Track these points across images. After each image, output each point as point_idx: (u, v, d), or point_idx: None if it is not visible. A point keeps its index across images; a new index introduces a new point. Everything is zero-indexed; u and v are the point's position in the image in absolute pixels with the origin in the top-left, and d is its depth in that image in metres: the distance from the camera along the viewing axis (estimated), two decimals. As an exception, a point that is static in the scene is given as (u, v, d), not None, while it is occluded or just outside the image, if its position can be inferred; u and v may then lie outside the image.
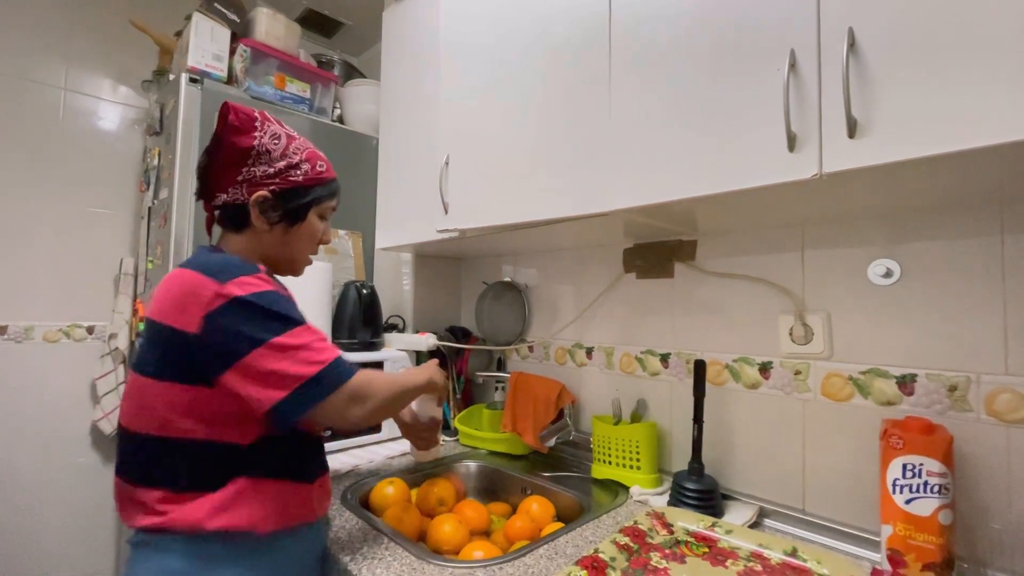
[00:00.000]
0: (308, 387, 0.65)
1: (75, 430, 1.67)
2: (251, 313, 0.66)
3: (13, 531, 1.54)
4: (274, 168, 0.76)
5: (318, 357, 0.67)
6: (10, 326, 1.56)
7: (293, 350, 0.66)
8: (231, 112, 0.75)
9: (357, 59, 2.31)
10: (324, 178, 0.82)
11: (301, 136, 0.83)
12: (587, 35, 0.92)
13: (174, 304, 0.66)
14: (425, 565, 0.76)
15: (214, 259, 0.70)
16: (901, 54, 0.58)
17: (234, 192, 0.75)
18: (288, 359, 0.65)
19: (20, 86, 1.59)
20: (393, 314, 1.68)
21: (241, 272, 0.68)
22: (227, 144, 0.75)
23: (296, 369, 0.65)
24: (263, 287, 0.68)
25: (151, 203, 1.52)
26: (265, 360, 0.64)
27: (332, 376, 0.67)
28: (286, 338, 0.66)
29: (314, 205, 0.81)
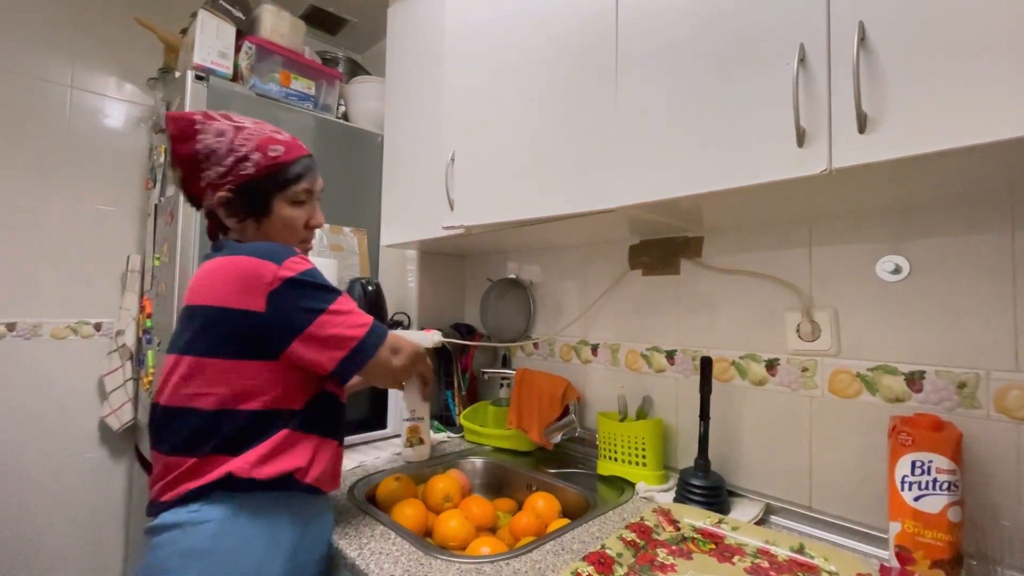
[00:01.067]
0: (362, 345, 0.74)
1: (83, 426, 1.68)
2: (306, 289, 0.72)
3: (22, 526, 1.56)
4: (224, 166, 0.76)
5: (362, 320, 0.75)
6: (18, 323, 1.57)
7: (344, 315, 0.73)
8: (169, 122, 0.76)
9: (362, 56, 2.31)
10: (280, 162, 0.78)
11: (258, 123, 0.80)
12: (594, 29, 0.92)
13: (235, 288, 0.69)
14: (432, 560, 0.76)
15: (260, 246, 0.74)
16: (912, 48, 0.57)
17: (208, 199, 0.78)
18: (341, 324, 0.73)
19: (27, 84, 1.60)
20: (398, 311, 1.69)
21: (288, 254, 0.73)
22: (176, 155, 0.77)
23: (350, 332, 0.73)
24: (307, 265, 0.74)
25: (158, 200, 1.53)
26: (324, 327, 0.71)
27: (377, 334, 0.76)
28: (337, 306, 0.73)
29: (276, 193, 0.79)
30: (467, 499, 1.05)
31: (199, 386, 0.70)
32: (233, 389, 0.70)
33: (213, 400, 0.70)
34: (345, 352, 0.73)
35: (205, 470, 0.69)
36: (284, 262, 0.71)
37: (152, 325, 1.52)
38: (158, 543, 0.68)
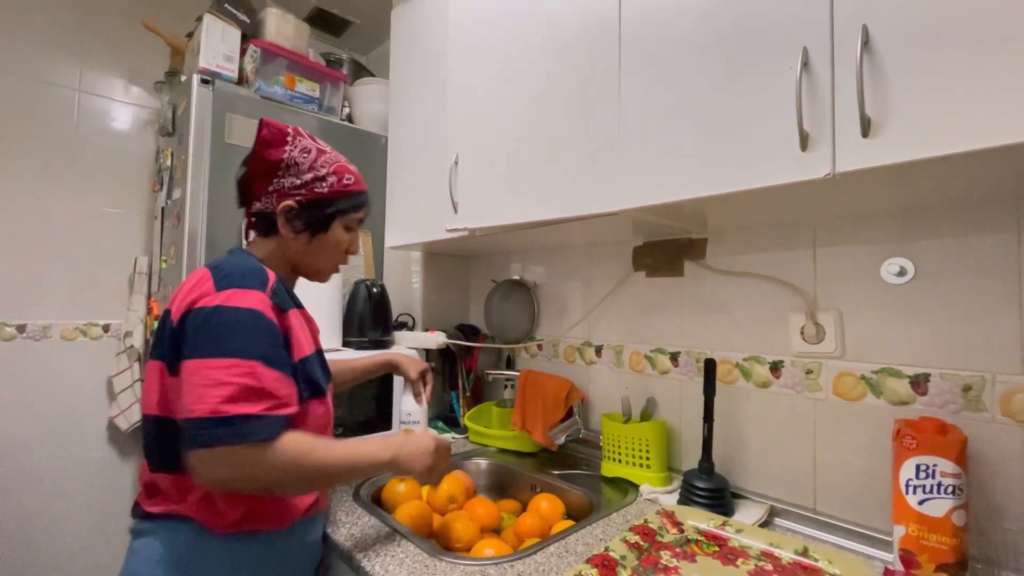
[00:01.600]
0: (198, 425, 0.62)
1: (92, 426, 1.70)
2: (216, 325, 0.66)
3: (32, 523, 1.57)
4: (301, 180, 0.79)
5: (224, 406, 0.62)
6: (28, 324, 1.59)
7: (211, 383, 0.63)
8: (264, 127, 0.79)
9: (366, 57, 2.31)
10: (350, 191, 0.84)
11: (335, 152, 0.86)
12: (597, 34, 0.92)
13: (181, 296, 0.71)
14: (437, 562, 0.77)
15: (231, 264, 0.73)
16: (916, 51, 0.57)
17: (266, 201, 0.80)
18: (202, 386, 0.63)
19: (36, 87, 1.61)
20: (403, 312, 1.69)
21: (241, 284, 0.69)
22: (259, 156, 0.79)
23: (194, 401, 0.62)
24: (253, 306, 0.68)
25: (164, 203, 1.54)
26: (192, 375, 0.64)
27: (221, 430, 0.62)
28: (221, 365, 0.63)
29: (338, 216, 0.83)
30: (471, 500, 1.05)
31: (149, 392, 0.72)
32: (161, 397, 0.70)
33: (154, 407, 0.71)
34: (188, 416, 0.63)
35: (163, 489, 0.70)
36: (227, 288, 0.68)
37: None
38: (136, 548, 0.70)
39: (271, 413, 0.65)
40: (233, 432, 0.62)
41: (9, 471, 1.54)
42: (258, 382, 0.65)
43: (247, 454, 0.63)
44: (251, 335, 0.67)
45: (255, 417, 0.63)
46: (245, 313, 0.67)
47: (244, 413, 0.62)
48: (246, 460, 0.63)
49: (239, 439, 0.62)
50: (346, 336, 1.45)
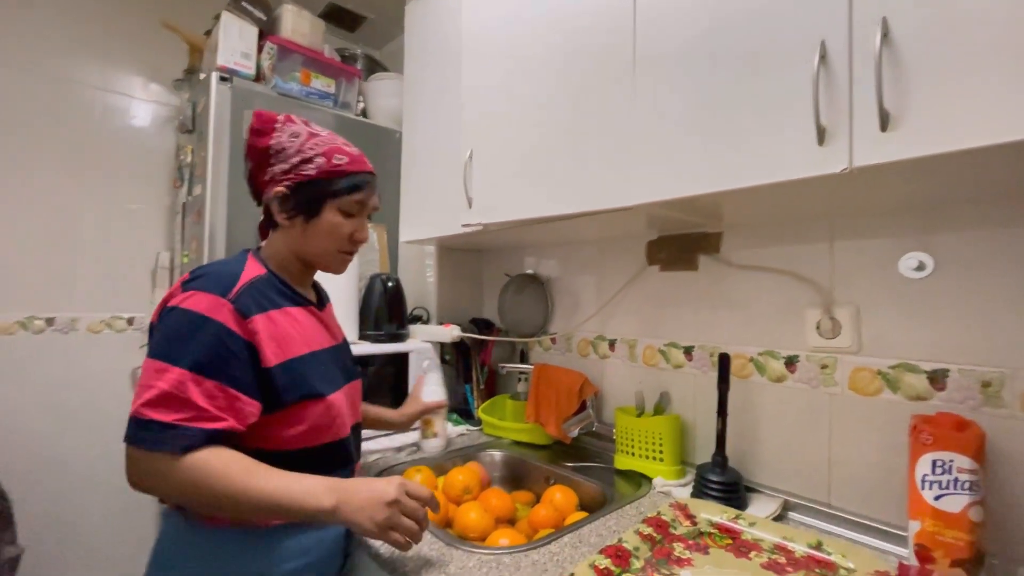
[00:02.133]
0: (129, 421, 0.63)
1: (117, 417, 1.72)
2: (166, 327, 0.68)
3: (60, 510, 1.63)
4: (288, 164, 0.78)
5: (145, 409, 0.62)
6: (57, 317, 1.64)
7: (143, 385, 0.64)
8: (253, 117, 0.79)
9: (379, 52, 2.32)
10: (341, 170, 0.79)
11: (332, 135, 0.83)
12: (612, 27, 0.92)
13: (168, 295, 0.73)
14: (453, 551, 0.79)
15: (212, 267, 0.75)
16: (937, 44, 0.57)
17: (267, 192, 0.79)
18: (139, 385, 0.64)
19: (60, 87, 1.65)
20: (417, 306, 1.71)
21: (203, 287, 0.69)
22: (249, 146, 0.80)
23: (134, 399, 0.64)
24: (196, 308, 0.67)
25: (185, 199, 1.58)
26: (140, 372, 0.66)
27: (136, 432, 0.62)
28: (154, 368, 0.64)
29: (329, 199, 0.79)
30: (486, 491, 1.07)
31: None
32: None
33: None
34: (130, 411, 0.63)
35: None
36: (190, 291, 0.68)
37: (182, 320, 1.57)
38: (161, 530, 0.74)
39: (188, 424, 0.63)
40: (145, 437, 0.62)
41: (39, 459, 1.60)
42: (180, 391, 0.63)
43: (151, 462, 0.62)
44: (190, 341, 0.65)
45: (168, 426, 0.62)
46: (192, 316, 0.66)
47: (158, 420, 0.62)
48: (150, 468, 0.63)
49: (147, 445, 0.62)
50: (362, 330, 1.48)
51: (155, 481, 0.64)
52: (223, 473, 0.64)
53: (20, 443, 1.57)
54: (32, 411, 1.59)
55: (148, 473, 0.63)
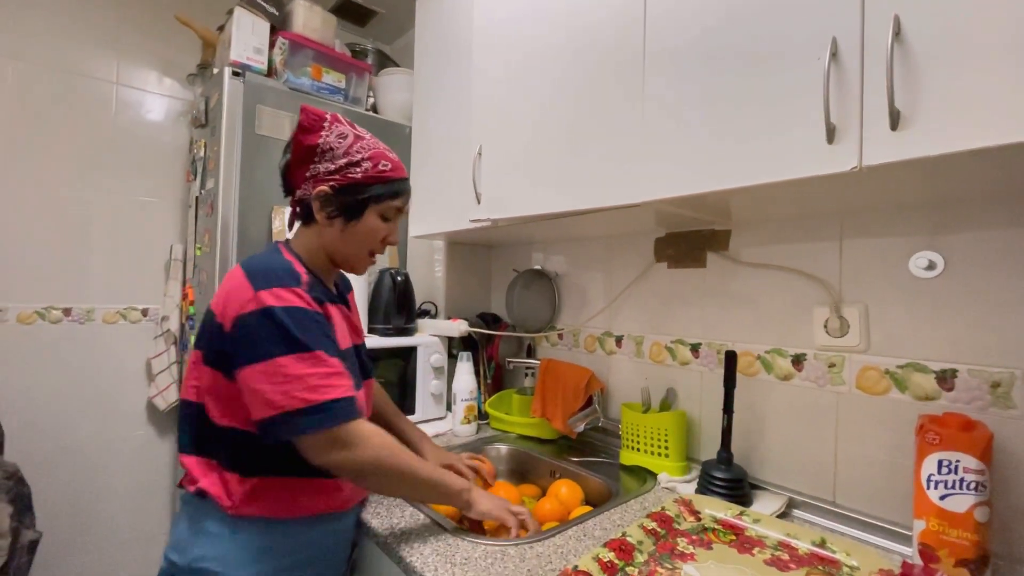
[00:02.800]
0: (290, 418, 0.66)
1: (132, 406, 1.79)
2: (270, 327, 0.68)
3: (78, 496, 1.68)
4: (335, 165, 0.79)
5: (308, 395, 0.67)
6: (74, 308, 1.67)
7: (290, 379, 0.67)
8: (302, 113, 0.80)
9: (390, 47, 2.33)
10: (386, 176, 0.82)
11: (375, 139, 0.84)
12: (622, 22, 0.92)
13: (222, 299, 0.73)
14: (460, 541, 0.80)
15: (263, 263, 0.75)
16: (949, 43, 0.56)
17: (304, 188, 0.81)
18: (279, 384, 0.67)
19: (76, 81, 1.68)
20: (426, 300, 1.73)
21: (279, 283, 0.71)
22: (296, 143, 0.80)
23: (279, 398, 0.66)
24: (295, 303, 0.70)
25: (198, 192, 1.60)
26: (262, 377, 0.67)
27: (315, 416, 0.67)
28: (290, 362, 0.67)
29: (372, 203, 0.82)
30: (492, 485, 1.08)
31: (191, 381, 0.77)
32: (206, 393, 0.74)
33: (195, 396, 0.76)
34: (268, 414, 0.67)
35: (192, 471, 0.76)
36: (268, 289, 0.70)
37: (195, 312, 1.60)
38: (180, 515, 0.77)
39: (349, 394, 0.71)
40: (328, 416, 0.68)
41: (56, 446, 1.64)
42: (330, 367, 0.70)
43: (346, 431, 0.69)
44: (306, 329, 0.70)
45: (341, 399, 0.69)
46: (295, 311, 0.70)
47: (330, 398, 0.68)
48: (347, 436, 0.69)
49: (337, 419, 0.68)
50: (371, 323, 1.49)
51: (350, 451, 0.70)
52: (395, 444, 0.75)
53: (39, 430, 1.61)
54: (50, 399, 1.63)
55: (343, 445, 0.69)
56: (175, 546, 0.75)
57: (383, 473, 0.73)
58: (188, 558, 0.72)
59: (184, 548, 0.73)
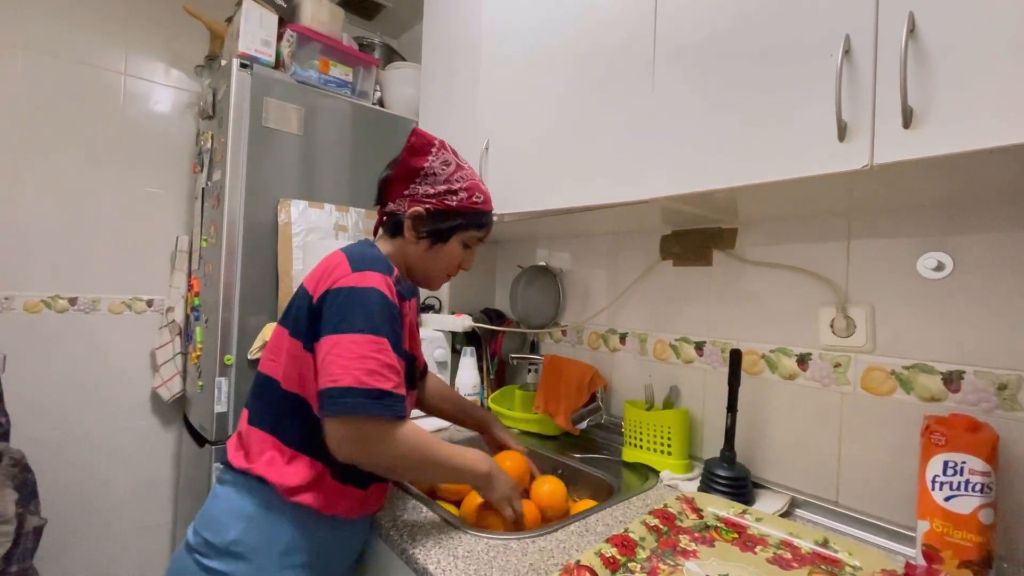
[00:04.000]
0: (341, 393, 0.67)
1: (136, 396, 1.80)
2: (354, 304, 0.71)
3: (83, 485, 1.69)
4: (435, 189, 0.84)
5: (366, 378, 0.68)
6: (79, 298, 1.68)
7: (353, 356, 0.68)
8: (414, 135, 0.85)
9: (397, 41, 2.32)
10: (477, 208, 0.87)
11: (472, 169, 0.90)
12: (631, 19, 0.91)
13: (318, 275, 0.77)
14: (462, 535, 0.80)
15: (364, 251, 0.80)
16: (964, 41, 0.56)
17: (399, 203, 0.85)
18: (344, 358, 0.68)
19: (85, 72, 1.68)
20: (430, 295, 1.73)
21: (373, 267, 0.75)
22: (404, 161, 0.85)
23: (339, 371, 0.68)
24: (382, 289, 0.73)
25: (205, 184, 1.60)
26: (333, 348, 0.69)
27: (362, 400, 0.67)
28: (360, 340, 0.69)
29: (459, 231, 0.86)
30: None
31: (274, 355, 0.79)
32: (288, 367, 0.77)
33: (276, 371, 0.78)
34: (328, 385, 0.68)
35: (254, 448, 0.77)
36: (361, 271, 0.74)
37: (200, 303, 1.60)
38: (218, 493, 0.78)
39: (398, 392, 0.71)
40: (372, 404, 0.68)
41: (62, 434, 1.66)
42: (390, 359, 0.71)
43: (378, 428, 0.69)
44: (383, 316, 0.72)
45: (388, 393, 0.69)
46: (378, 295, 0.73)
47: (380, 388, 0.68)
48: (376, 434, 0.69)
49: (376, 411, 0.68)
50: (375, 317, 1.49)
51: (376, 447, 0.70)
52: (427, 439, 0.76)
53: (44, 418, 1.62)
54: (55, 387, 1.64)
55: (369, 440, 0.69)
56: (209, 524, 0.75)
57: (415, 468, 0.76)
58: (224, 539, 0.72)
59: (220, 528, 0.73)
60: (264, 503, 0.74)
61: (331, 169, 1.63)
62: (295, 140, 1.54)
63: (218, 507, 0.76)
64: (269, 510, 0.73)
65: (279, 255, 1.47)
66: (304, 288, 0.78)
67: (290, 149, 1.53)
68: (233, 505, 0.74)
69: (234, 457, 0.78)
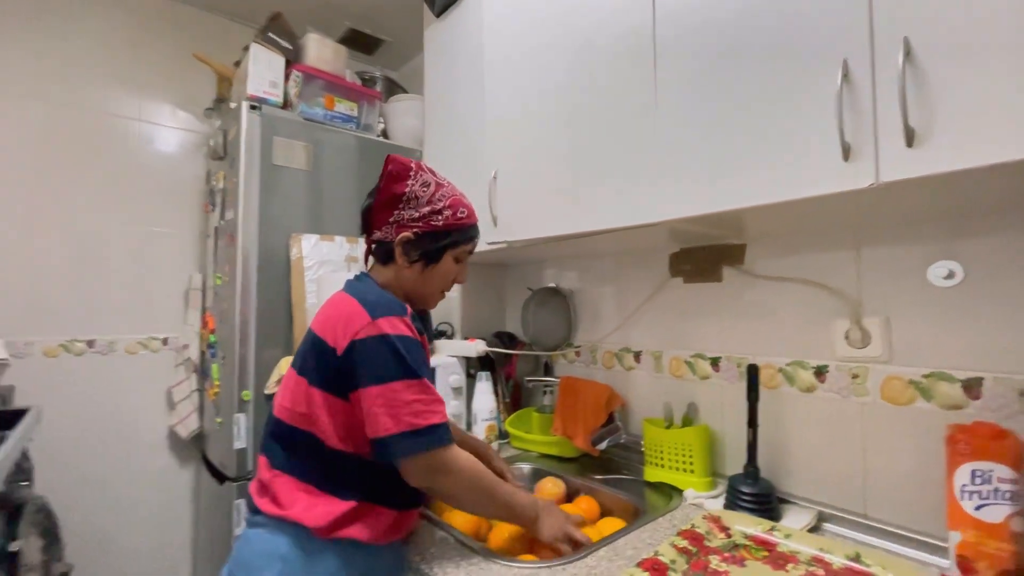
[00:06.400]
0: (397, 440, 0.73)
1: (153, 435, 1.81)
2: (387, 353, 0.75)
3: (101, 524, 1.69)
4: (419, 212, 0.85)
5: (415, 419, 0.74)
6: (97, 340, 1.71)
7: (399, 404, 0.74)
8: (390, 163, 0.86)
9: (397, 72, 2.38)
10: (463, 224, 0.89)
11: (451, 185, 0.91)
12: (634, 44, 0.94)
13: (333, 324, 0.78)
14: (492, 565, 0.80)
15: (372, 293, 0.81)
16: (960, 61, 0.58)
17: (386, 231, 0.86)
18: (391, 407, 0.73)
19: (100, 119, 1.73)
20: (442, 321, 1.74)
21: (391, 312, 0.78)
22: (384, 190, 0.86)
23: (389, 421, 0.73)
24: (406, 332, 0.77)
25: (218, 223, 1.63)
26: (379, 399, 0.74)
27: (418, 440, 0.74)
28: (401, 387, 0.74)
29: (450, 248, 0.88)
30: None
31: (292, 402, 0.80)
32: (311, 414, 0.78)
33: (296, 418, 0.79)
34: (380, 435, 0.73)
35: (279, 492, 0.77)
36: (384, 317, 0.76)
37: (216, 340, 1.62)
38: (249, 536, 0.78)
39: (446, 421, 0.77)
40: (429, 441, 0.74)
41: (82, 475, 1.66)
42: (433, 395, 0.77)
43: (437, 458, 0.76)
44: (415, 357, 0.77)
45: (440, 425, 0.76)
46: (406, 340, 0.77)
47: (432, 424, 0.75)
48: (435, 464, 0.76)
49: (434, 445, 0.75)
50: (390, 346, 1.51)
51: (442, 475, 0.77)
52: (483, 469, 0.81)
53: (64, 461, 1.63)
54: (74, 430, 1.66)
55: (438, 469, 0.76)
56: (245, 567, 0.76)
57: (473, 498, 0.81)
58: None
59: (255, 571, 0.74)
60: (298, 543, 0.74)
61: (340, 202, 1.66)
62: (304, 176, 1.58)
63: (251, 550, 0.76)
64: (304, 550, 0.74)
65: (292, 290, 1.50)
66: (318, 337, 0.79)
67: (299, 185, 1.57)
68: (267, 547, 0.75)
69: (261, 503, 0.78)
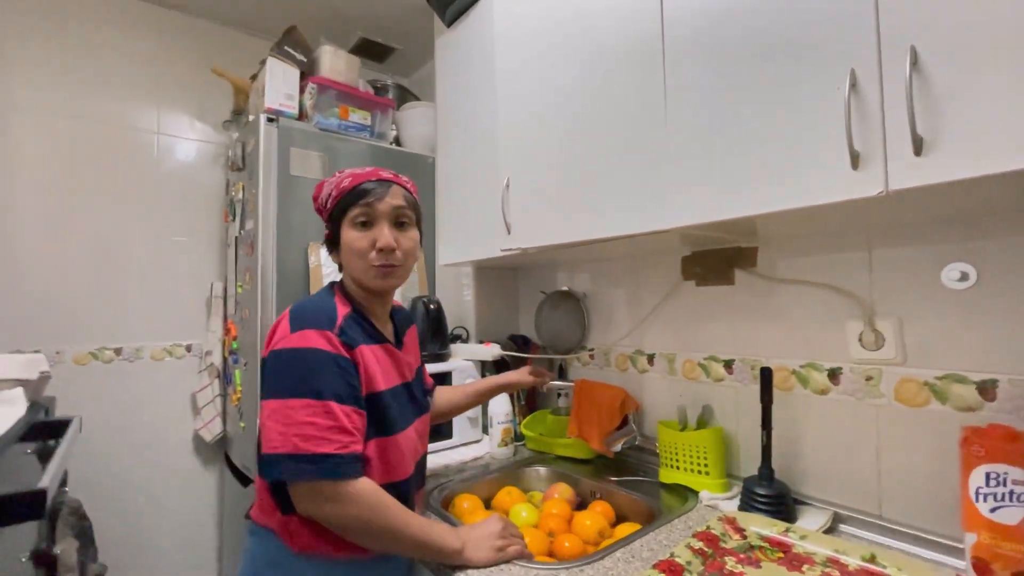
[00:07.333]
0: (280, 459, 0.68)
1: (179, 438, 1.86)
2: (291, 367, 0.72)
3: (128, 527, 1.74)
4: (324, 208, 0.88)
5: (303, 443, 0.68)
6: (124, 347, 1.76)
7: (291, 423, 0.69)
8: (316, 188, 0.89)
9: (408, 80, 2.41)
10: (344, 189, 0.83)
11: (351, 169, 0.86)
12: (645, 50, 0.95)
13: (270, 336, 0.79)
14: (511, 567, 0.82)
15: (307, 306, 0.80)
16: (967, 69, 0.58)
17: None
18: (283, 424, 0.69)
19: (122, 134, 1.79)
20: (457, 325, 1.77)
21: (313, 325, 0.75)
22: (316, 211, 0.90)
23: (277, 438, 0.69)
24: (315, 344, 0.73)
25: (238, 232, 1.68)
26: (272, 413, 0.71)
27: (300, 466, 0.68)
28: (299, 405, 0.69)
29: (342, 220, 0.83)
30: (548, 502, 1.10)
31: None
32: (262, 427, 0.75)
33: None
34: (265, 451, 0.70)
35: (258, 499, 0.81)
36: (297, 332, 0.74)
37: (238, 346, 1.66)
38: (248, 548, 0.81)
39: (345, 452, 0.70)
40: (314, 469, 0.68)
41: (112, 480, 1.72)
42: (333, 420, 0.70)
43: (329, 488, 0.69)
44: (324, 374, 0.72)
45: (329, 456, 0.69)
46: (317, 354, 0.72)
47: (320, 452, 0.68)
48: (325, 494, 0.70)
49: (317, 475, 0.68)
50: (406, 351, 1.54)
51: (330, 507, 0.70)
52: (386, 504, 0.73)
53: (96, 466, 1.68)
54: (105, 434, 1.71)
55: (325, 501, 0.70)
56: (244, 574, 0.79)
57: (372, 533, 0.73)
58: None
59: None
60: (278, 554, 0.76)
61: (355, 210, 1.69)
62: (320, 185, 1.61)
63: (249, 559, 0.79)
64: (288, 562, 0.76)
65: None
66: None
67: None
68: (261, 557, 0.78)
69: (252, 510, 0.81)
